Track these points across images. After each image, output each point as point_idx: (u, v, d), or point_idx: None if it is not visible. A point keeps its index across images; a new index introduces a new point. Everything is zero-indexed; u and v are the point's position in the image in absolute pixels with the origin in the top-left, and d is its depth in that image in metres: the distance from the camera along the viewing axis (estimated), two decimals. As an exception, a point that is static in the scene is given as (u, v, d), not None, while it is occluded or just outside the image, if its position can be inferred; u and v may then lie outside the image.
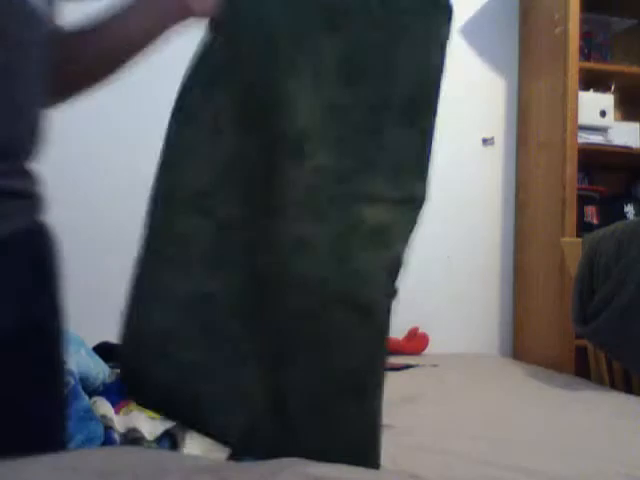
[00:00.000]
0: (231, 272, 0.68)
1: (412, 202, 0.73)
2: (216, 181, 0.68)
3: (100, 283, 2.31)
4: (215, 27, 0.72)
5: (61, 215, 2.52)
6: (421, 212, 0.74)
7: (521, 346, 2.65)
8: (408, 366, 2.06)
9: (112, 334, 1.87)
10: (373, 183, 0.71)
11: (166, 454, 0.53)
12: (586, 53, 2.63)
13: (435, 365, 2.14)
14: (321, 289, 0.68)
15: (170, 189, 0.69)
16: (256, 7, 0.71)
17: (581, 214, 2.50)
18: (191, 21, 0.75)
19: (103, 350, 1.64)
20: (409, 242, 0.73)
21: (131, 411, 1.32)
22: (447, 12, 0.75)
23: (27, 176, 0.69)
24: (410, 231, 0.73)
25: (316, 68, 0.71)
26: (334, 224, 0.69)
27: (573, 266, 1.99)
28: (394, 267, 0.72)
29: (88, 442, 1.18)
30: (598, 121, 2.50)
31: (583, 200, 2.51)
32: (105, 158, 2.35)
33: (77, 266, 2.28)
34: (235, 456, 0.65)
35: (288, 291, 0.68)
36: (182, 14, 0.75)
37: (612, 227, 1.88)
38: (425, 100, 0.73)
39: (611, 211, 2.55)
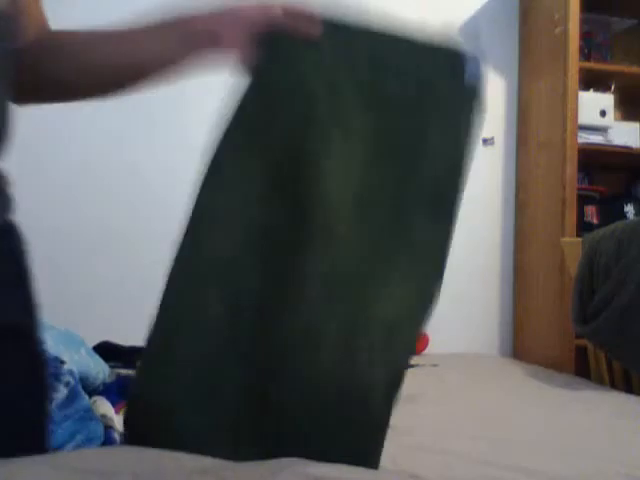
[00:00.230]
0: (244, 349, 0.66)
1: (424, 299, 0.72)
2: (240, 250, 0.67)
3: (101, 284, 2.31)
4: (250, 73, 0.69)
5: (63, 216, 2.52)
6: (431, 310, 0.73)
7: (521, 346, 2.65)
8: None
9: (112, 334, 1.88)
10: (391, 273, 0.70)
11: (166, 454, 0.53)
12: (586, 53, 2.63)
13: (435, 365, 2.14)
14: (322, 382, 0.67)
15: (191, 258, 0.66)
16: (296, 77, 0.69)
17: (581, 214, 2.50)
18: (220, 55, 0.71)
19: (103, 350, 1.64)
20: (414, 343, 0.72)
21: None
22: (480, 103, 0.74)
23: None
24: (418, 331, 0.72)
25: (349, 145, 0.69)
26: (346, 316, 0.68)
27: (573, 266, 1.99)
28: (396, 370, 0.71)
29: (88, 442, 1.18)
30: (598, 121, 2.50)
31: (583, 200, 2.51)
32: (105, 159, 2.35)
33: (78, 267, 2.29)
34: None
35: (289, 379, 0.67)
36: (208, 45, 0.70)
37: (612, 227, 1.88)
38: (450, 194, 0.72)
39: (611, 211, 2.55)
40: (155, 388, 0.66)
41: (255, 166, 0.68)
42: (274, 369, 0.67)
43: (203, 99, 1.93)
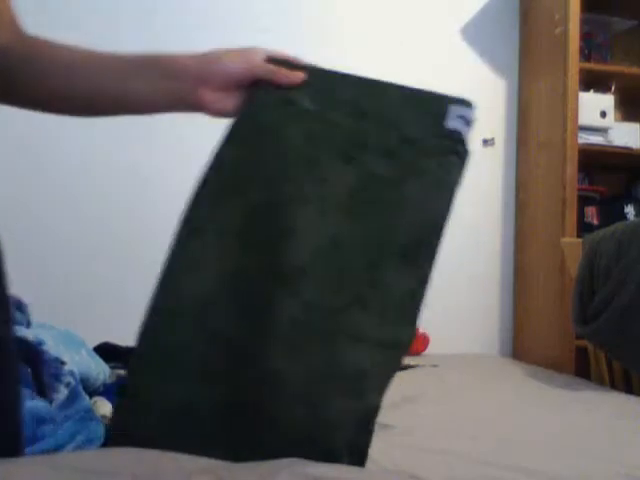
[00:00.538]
0: (218, 384, 0.67)
1: (396, 347, 0.71)
2: (214, 295, 0.68)
3: (101, 284, 2.31)
4: (232, 133, 0.71)
5: (63, 217, 2.53)
6: (402, 358, 0.72)
7: (521, 346, 2.65)
8: (408, 366, 2.06)
9: (112, 335, 1.88)
10: (359, 321, 0.69)
11: (165, 455, 0.53)
12: (586, 53, 2.63)
13: (435, 365, 2.15)
14: (287, 429, 0.66)
15: (168, 299, 0.68)
16: (277, 125, 0.70)
17: (581, 215, 2.50)
18: (201, 107, 0.71)
19: (103, 351, 1.64)
20: (385, 390, 0.70)
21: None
22: (465, 158, 0.74)
23: None
24: (388, 379, 0.71)
25: (324, 199, 0.70)
26: (311, 364, 0.67)
27: (573, 267, 1.99)
28: (366, 417, 0.69)
29: (89, 442, 1.18)
30: (598, 122, 2.50)
31: (583, 200, 2.51)
32: (105, 160, 2.35)
33: (78, 267, 2.29)
34: None
35: (257, 423, 0.66)
36: (194, 107, 0.71)
37: (612, 228, 1.88)
38: (427, 244, 0.72)
39: (611, 212, 2.55)
40: (137, 428, 0.66)
41: (230, 213, 0.69)
42: (244, 412, 0.67)
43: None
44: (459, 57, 2.68)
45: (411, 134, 0.72)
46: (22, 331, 1.28)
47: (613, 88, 2.58)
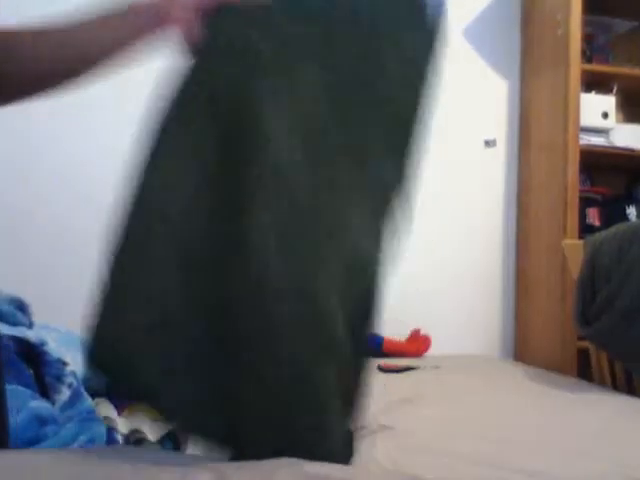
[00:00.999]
0: (199, 271, 0.67)
1: (387, 234, 0.72)
2: (190, 205, 0.68)
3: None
4: (197, 51, 0.71)
5: (63, 216, 2.52)
6: (397, 246, 0.73)
7: (523, 348, 2.65)
8: (410, 368, 2.06)
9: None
10: (348, 217, 0.70)
11: (167, 453, 0.53)
12: (588, 55, 2.63)
13: (437, 367, 2.15)
14: (277, 332, 0.66)
15: (140, 218, 0.69)
16: (240, 34, 0.71)
17: (583, 216, 2.50)
18: (168, 33, 0.73)
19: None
20: (380, 276, 0.71)
21: (134, 413, 1.32)
22: (439, 46, 0.75)
23: None
24: (381, 267, 0.71)
25: (298, 98, 0.71)
26: (301, 262, 0.67)
27: (575, 268, 1.99)
28: (363, 303, 0.70)
29: (91, 443, 1.18)
30: (600, 123, 2.50)
31: (585, 202, 2.51)
32: (104, 157, 2.35)
33: (81, 268, 2.29)
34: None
35: (247, 327, 0.66)
36: (156, 23, 0.72)
37: (614, 229, 1.88)
38: (412, 119, 0.73)
39: (613, 213, 2.55)
40: (119, 321, 0.68)
41: (203, 121, 0.69)
42: (226, 321, 0.67)
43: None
44: (461, 58, 2.68)
45: (384, 28, 0.73)
46: (24, 332, 1.28)
47: (615, 89, 2.58)
